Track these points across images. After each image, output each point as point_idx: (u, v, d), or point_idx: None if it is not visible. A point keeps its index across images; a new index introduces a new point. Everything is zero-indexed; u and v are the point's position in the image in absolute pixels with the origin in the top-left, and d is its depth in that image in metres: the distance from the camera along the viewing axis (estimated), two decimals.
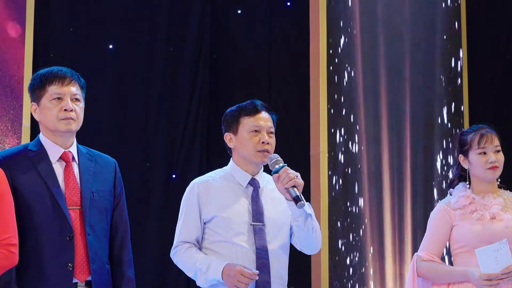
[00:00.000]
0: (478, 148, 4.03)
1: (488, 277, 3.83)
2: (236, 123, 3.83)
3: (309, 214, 3.73)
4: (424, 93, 6.27)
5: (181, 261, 3.78)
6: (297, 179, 3.63)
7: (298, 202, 3.61)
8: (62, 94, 3.48)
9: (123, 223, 3.60)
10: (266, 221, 3.77)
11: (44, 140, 3.51)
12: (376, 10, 6.19)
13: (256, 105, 3.85)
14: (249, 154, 3.80)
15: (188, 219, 3.79)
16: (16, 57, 5.33)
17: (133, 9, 6.07)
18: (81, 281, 3.40)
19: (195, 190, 3.81)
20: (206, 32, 6.25)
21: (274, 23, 6.43)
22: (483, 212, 3.99)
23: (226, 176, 3.85)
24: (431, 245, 4.08)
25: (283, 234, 3.81)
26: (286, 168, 3.66)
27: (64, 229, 3.38)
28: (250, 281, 3.60)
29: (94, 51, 5.91)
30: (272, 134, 3.83)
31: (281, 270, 3.79)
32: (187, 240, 3.78)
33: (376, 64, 6.15)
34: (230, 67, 6.38)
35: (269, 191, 3.81)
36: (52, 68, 3.53)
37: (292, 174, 3.63)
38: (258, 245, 3.72)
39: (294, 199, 3.62)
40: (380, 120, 6.10)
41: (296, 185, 3.62)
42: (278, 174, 3.65)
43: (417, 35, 6.29)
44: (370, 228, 5.94)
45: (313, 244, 3.82)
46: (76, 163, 3.53)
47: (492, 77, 6.48)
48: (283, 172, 3.64)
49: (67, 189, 3.45)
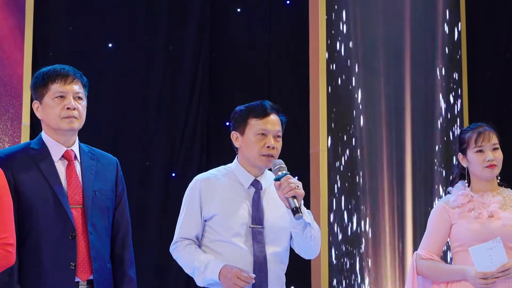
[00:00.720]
0: (475, 146, 4.03)
1: (483, 275, 3.84)
2: (244, 124, 3.80)
3: (307, 223, 3.69)
4: (424, 92, 6.27)
5: (180, 257, 3.79)
6: (297, 189, 3.59)
7: (296, 214, 3.58)
8: (65, 93, 3.47)
9: (124, 222, 3.60)
10: (266, 224, 3.76)
11: (46, 139, 3.51)
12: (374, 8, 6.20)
13: (266, 107, 3.80)
14: (253, 157, 3.78)
15: (189, 216, 3.79)
16: (16, 56, 5.33)
17: (132, 8, 6.06)
18: (83, 280, 3.40)
19: (197, 186, 3.81)
20: (205, 31, 6.24)
21: (274, 22, 6.43)
22: (481, 211, 4.00)
23: (229, 174, 3.84)
24: (431, 244, 4.08)
25: (282, 238, 3.80)
26: (288, 177, 3.62)
27: (67, 228, 3.38)
28: (246, 285, 3.60)
29: (93, 50, 5.90)
30: (279, 138, 3.80)
31: (279, 273, 3.79)
32: (187, 236, 3.78)
33: (376, 63, 6.15)
34: (229, 66, 6.37)
35: (272, 192, 3.77)
36: (54, 66, 3.52)
37: (294, 183, 3.59)
38: (256, 247, 3.72)
39: (293, 210, 3.59)
40: (379, 118, 6.11)
41: (296, 196, 3.59)
42: (280, 182, 3.62)
43: (416, 34, 6.30)
44: (370, 227, 5.94)
45: (311, 251, 3.81)
46: (78, 161, 3.53)
47: (492, 76, 6.48)
48: (284, 180, 3.61)
49: (69, 187, 3.44)
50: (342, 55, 6.02)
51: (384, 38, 6.19)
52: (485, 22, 6.53)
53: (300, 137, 6.03)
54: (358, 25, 6.12)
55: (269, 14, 6.43)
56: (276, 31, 6.41)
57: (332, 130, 5.88)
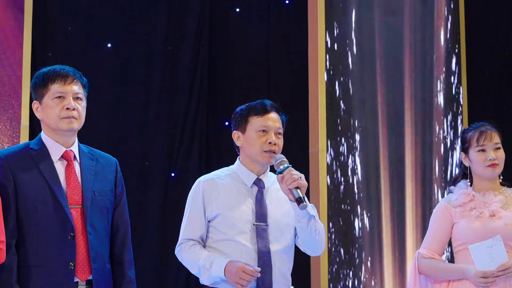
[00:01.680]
0: (477, 145, 4.04)
1: (483, 274, 3.84)
2: (245, 122, 3.84)
3: (312, 215, 3.73)
4: (423, 90, 6.27)
5: (185, 258, 3.80)
6: (300, 180, 3.63)
7: (301, 203, 3.61)
8: (64, 93, 3.47)
9: (124, 222, 3.60)
10: (270, 221, 3.78)
11: (45, 139, 3.51)
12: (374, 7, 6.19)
13: (266, 105, 3.85)
14: (255, 154, 3.80)
15: (193, 217, 3.81)
16: (15, 56, 5.33)
17: (131, 8, 6.05)
18: (82, 280, 3.40)
19: (200, 188, 3.83)
20: (204, 31, 6.24)
21: (273, 22, 6.42)
22: (482, 210, 4.00)
23: (231, 175, 3.87)
24: (432, 243, 4.09)
25: (286, 235, 3.81)
26: (290, 169, 3.66)
27: (66, 228, 3.38)
28: (252, 278, 3.61)
29: (92, 50, 5.90)
30: (280, 135, 3.84)
31: (284, 270, 3.79)
32: (191, 237, 3.80)
33: (374, 62, 6.15)
34: (228, 65, 6.37)
35: (275, 191, 3.81)
36: (54, 67, 3.52)
37: (296, 175, 3.64)
38: (261, 245, 3.73)
39: (297, 200, 3.62)
40: (379, 118, 6.10)
41: (299, 186, 3.63)
42: (282, 175, 3.66)
43: (415, 34, 6.29)
44: (369, 226, 5.94)
45: (316, 246, 3.82)
46: (78, 162, 3.53)
47: (491, 74, 6.48)
48: (287, 173, 3.65)
49: (69, 188, 3.44)
50: (341, 55, 6.02)
51: (383, 38, 6.19)
52: (484, 20, 6.52)
53: (299, 136, 6.02)
54: (357, 25, 6.12)
55: (268, 13, 6.42)
56: (275, 30, 6.40)
57: (331, 130, 5.88)
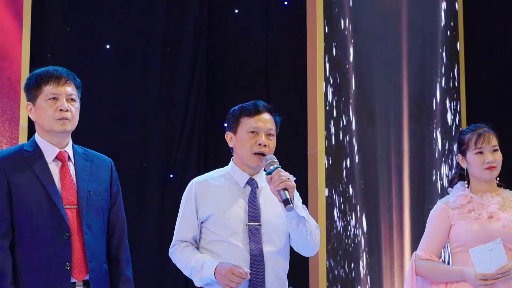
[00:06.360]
0: (475, 148, 4.04)
1: (483, 277, 3.84)
2: (236, 123, 3.83)
3: (302, 217, 3.69)
4: (422, 92, 6.27)
5: (178, 260, 3.81)
6: (288, 181, 3.61)
7: (287, 205, 3.59)
8: (58, 94, 3.47)
9: (120, 222, 3.60)
10: (263, 221, 3.76)
11: (39, 140, 3.51)
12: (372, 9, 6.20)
13: (258, 106, 3.83)
14: (246, 156, 3.80)
15: (186, 218, 3.81)
16: (13, 57, 5.33)
17: (130, 9, 6.06)
18: (79, 281, 3.40)
19: (192, 189, 3.83)
20: (203, 32, 6.25)
21: (271, 23, 6.42)
22: (480, 212, 4.00)
23: (225, 175, 3.86)
24: (430, 244, 4.09)
25: (280, 235, 3.79)
26: (278, 170, 3.64)
27: (61, 229, 3.38)
28: (241, 280, 3.59)
29: (91, 51, 5.91)
30: (271, 136, 3.81)
31: (278, 271, 3.77)
32: (184, 239, 3.80)
33: (373, 64, 6.15)
34: (227, 66, 6.37)
35: (269, 191, 3.76)
36: (47, 68, 3.52)
37: (284, 176, 3.61)
38: (253, 245, 3.71)
39: (284, 202, 3.60)
40: (377, 119, 6.11)
41: (287, 188, 3.60)
42: (271, 176, 3.64)
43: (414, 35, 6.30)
44: (368, 227, 5.94)
45: (309, 247, 3.81)
46: (72, 162, 3.53)
47: (489, 76, 6.48)
48: (275, 174, 3.63)
49: (63, 188, 3.44)
50: (340, 56, 6.02)
51: (382, 39, 6.20)
52: (482, 22, 6.53)
53: (297, 137, 6.02)
54: (356, 26, 6.12)
55: (267, 15, 6.43)
56: (273, 32, 6.40)
57: (330, 131, 5.88)
